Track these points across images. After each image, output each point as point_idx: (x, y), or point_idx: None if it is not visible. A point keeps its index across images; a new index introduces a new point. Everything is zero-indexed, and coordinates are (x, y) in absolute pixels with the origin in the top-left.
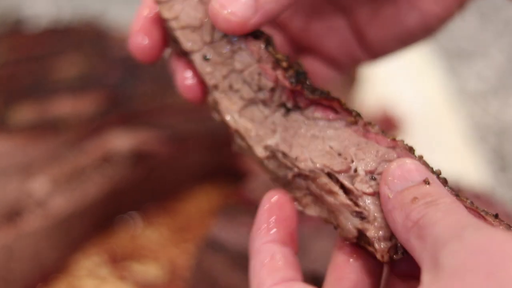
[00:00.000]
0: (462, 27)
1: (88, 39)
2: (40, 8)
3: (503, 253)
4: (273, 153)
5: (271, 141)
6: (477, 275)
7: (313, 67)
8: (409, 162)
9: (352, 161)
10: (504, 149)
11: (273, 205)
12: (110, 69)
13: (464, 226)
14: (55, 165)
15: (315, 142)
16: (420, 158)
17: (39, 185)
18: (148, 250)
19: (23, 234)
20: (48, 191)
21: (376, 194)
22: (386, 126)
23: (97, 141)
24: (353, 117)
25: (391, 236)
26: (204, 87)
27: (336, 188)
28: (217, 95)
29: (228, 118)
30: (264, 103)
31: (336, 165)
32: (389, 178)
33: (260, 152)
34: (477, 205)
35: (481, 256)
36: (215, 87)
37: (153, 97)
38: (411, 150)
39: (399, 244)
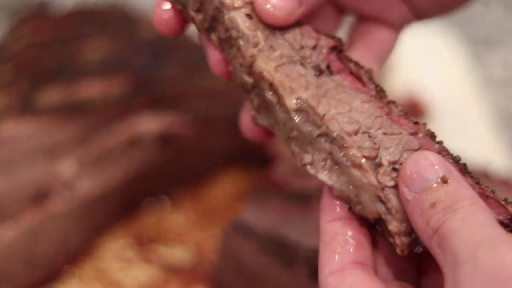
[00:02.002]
0: (487, 14)
1: (114, 21)
2: None
3: (509, 277)
4: (302, 107)
5: (303, 94)
6: None
7: (359, 29)
8: (426, 158)
9: (379, 148)
10: None
11: None
12: (137, 52)
13: (479, 244)
14: (82, 148)
15: (343, 107)
16: (440, 143)
17: (66, 168)
18: (174, 234)
19: (50, 216)
20: (75, 173)
21: (397, 187)
22: (413, 112)
23: (124, 124)
24: (377, 92)
25: (411, 230)
26: None
27: (367, 165)
28: (255, 51)
29: (264, 72)
30: (302, 62)
31: (367, 150)
32: (407, 177)
33: (291, 102)
34: (498, 194)
35: (494, 282)
36: (255, 44)
37: (180, 80)
38: (432, 136)
39: (419, 239)
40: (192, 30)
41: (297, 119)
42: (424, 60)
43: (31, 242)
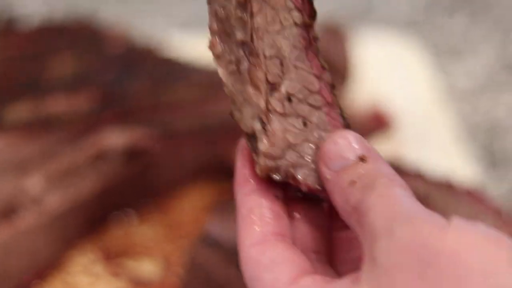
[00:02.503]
0: (451, 24)
1: (82, 37)
2: (33, 7)
3: (431, 249)
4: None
5: None
6: (408, 275)
7: None
8: (344, 137)
9: (284, 78)
10: (493, 146)
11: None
12: (104, 67)
13: (395, 218)
14: (50, 163)
15: (275, 25)
16: (335, 95)
17: (34, 183)
18: (142, 247)
19: (18, 232)
20: (43, 188)
21: (285, 116)
22: (377, 124)
23: (92, 139)
24: (309, 19)
25: (278, 158)
26: None
27: (263, 88)
28: None
29: None
30: None
31: (272, 75)
32: (326, 156)
33: None
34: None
35: (410, 255)
36: None
37: (147, 94)
38: (332, 87)
39: (284, 170)
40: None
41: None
42: (388, 71)
43: (1, 257)
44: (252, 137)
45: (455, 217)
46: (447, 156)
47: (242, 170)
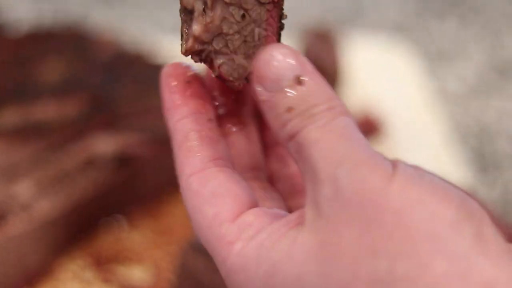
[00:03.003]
0: (441, 28)
1: (70, 43)
2: (21, 13)
3: (376, 205)
4: None
5: None
6: (353, 231)
7: None
8: (281, 53)
9: None
10: (484, 150)
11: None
12: (92, 73)
13: (339, 163)
14: (39, 169)
15: None
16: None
17: (24, 189)
18: (132, 253)
19: (8, 238)
20: (33, 194)
21: (229, 5)
22: (368, 128)
23: (81, 144)
24: None
25: (208, 42)
26: None
27: None
28: None
29: None
30: None
31: None
32: (260, 74)
33: None
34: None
35: (355, 209)
36: None
37: (136, 99)
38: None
39: (206, 54)
40: (146, 49)
41: None
42: (379, 75)
43: None
44: (188, 14)
45: (401, 164)
46: (438, 160)
47: (171, 96)
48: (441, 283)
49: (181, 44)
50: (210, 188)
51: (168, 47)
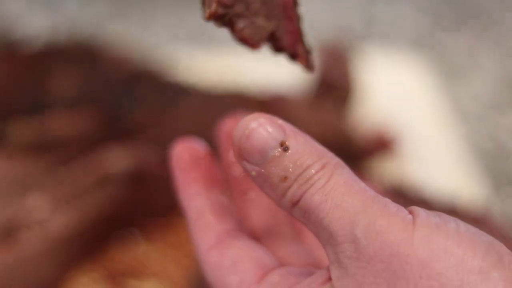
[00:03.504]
0: (455, 44)
1: (84, 58)
2: (35, 28)
3: (400, 259)
4: None
5: None
6: (379, 287)
7: None
8: (253, 127)
9: None
10: (498, 166)
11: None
12: (107, 87)
13: (354, 222)
14: (54, 184)
15: None
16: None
17: (39, 203)
18: (145, 266)
19: (23, 253)
20: (48, 209)
21: None
22: (382, 145)
23: (96, 159)
24: None
25: (231, 5)
26: None
27: None
28: None
29: None
30: None
31: None
32: (244, 151)
33: None
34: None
35: (379, 265)
36: None
37: (150, 115)
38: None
39: (228, 18)
40: (160, 64)
41: None
42: (392, 92)
43: (3, 279)
44: None
45: (422, 212)
46: (452, 177)
47: (182, 174)
48: None
49: (204, 10)
50: (229, 257)
51: (183, 61)
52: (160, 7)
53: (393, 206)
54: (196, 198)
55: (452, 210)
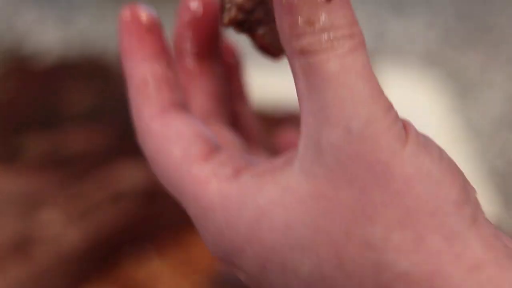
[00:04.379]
0: (466, 62)
1: (96, 73)
2: (48, 44)
3: (386, 168)
4: None
5: None
6: (353, 188)
7: None
8: None
9: None
10: (508, 186)
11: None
12: (119, 104)
13: (355, 114)
14: (67, 198)
15: None
16: None
17: (52, 218)
18: (158, 282)
19: (35, 268)
20: (61, 224)
21: None
22: None
23: (109, 175)
24: None
25: (251, 11)
26: None
27: None
28: None
29: None
30: None
31: None
32: None
33: None
34: None
35: (363, 166)
36: None
37: None
38: None
39: (248, 24)
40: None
41: None
42: (405, 108)
43: None
44: None
45: (412, 128)
46: None
47: (128, 38)
48: (433, 259)
49: (223, 16)
50: (174, 128)
51: None
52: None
53: (394, 113)
54: (141, 65)
55: None
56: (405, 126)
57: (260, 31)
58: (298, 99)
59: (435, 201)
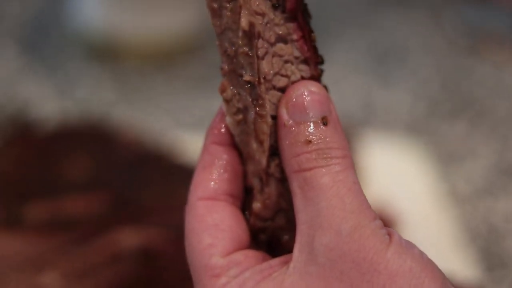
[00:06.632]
0: (451, 130)
1: (94, 140)
2: (47, 111)
3: (373, 266)
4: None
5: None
6: (343, 284)
7: None
8: (315, 91)
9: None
10: (491, 249)
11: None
12: (117, 170)
13: (345, 219)
14: (66, 262)
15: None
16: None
17: (51, 281)
18: None
19: None
20: (60, 286)
21: (282, 181)
22: (385, 221)
23: (107, 239)
24: (317, 70)
25: (270, 219)
26: None
27: (267, 143)
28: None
29: None
30: None
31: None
32: (291, 102)
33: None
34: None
35: (352, 265)
36: None
37: (161, 197)
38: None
39: (271, 231)
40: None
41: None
42: (391, 176)
43: None
44: (249, 192)
45: (396, 234)
46: (447, 258)
47: (218, 120)
48: None
49: (247, 221)
50: (215, 218)
51: (189, 145)
52: (163, 95)
53: (379, 222)
54: (218, 146)
55: None
56: (389, 232)
57: (284, 237)
58: (295, 214)
59: None
